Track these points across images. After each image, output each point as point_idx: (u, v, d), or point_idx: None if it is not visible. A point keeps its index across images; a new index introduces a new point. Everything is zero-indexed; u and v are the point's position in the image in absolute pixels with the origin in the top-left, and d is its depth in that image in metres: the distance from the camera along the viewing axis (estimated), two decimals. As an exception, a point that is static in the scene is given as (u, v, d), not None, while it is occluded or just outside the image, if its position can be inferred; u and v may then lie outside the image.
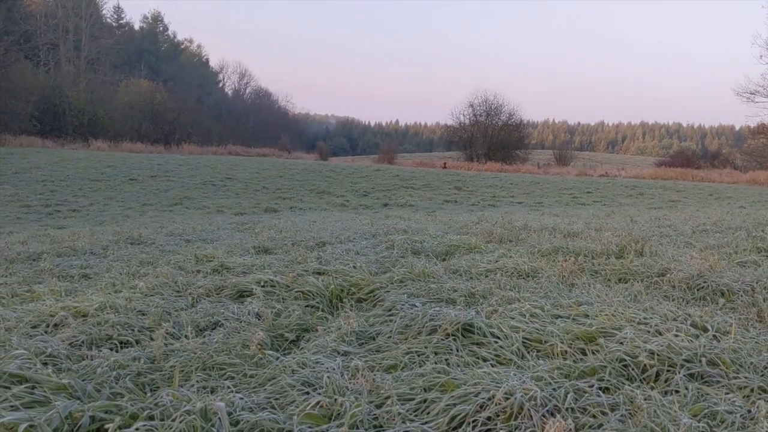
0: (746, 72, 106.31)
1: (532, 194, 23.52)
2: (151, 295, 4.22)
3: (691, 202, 20.19)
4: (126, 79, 54.19)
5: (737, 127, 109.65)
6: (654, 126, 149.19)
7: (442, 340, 3.05)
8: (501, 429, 2.07)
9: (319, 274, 4.74)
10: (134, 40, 69.42)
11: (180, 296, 4.32)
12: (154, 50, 71.97)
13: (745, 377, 2.49)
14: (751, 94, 41.44)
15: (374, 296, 4.20)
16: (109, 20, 65.92)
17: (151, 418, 2.13)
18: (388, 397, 2.31)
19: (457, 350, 2.94)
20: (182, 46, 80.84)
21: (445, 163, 41.83)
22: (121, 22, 69.32)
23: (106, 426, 2.03)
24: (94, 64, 55.23)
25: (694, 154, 51.09)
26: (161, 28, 77.26)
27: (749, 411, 2.15)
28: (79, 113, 43.11)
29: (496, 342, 3.00)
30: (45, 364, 2.72)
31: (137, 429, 2.04)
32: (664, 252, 5.56)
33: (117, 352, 3.06)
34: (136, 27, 73.60)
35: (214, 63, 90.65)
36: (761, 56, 58.06)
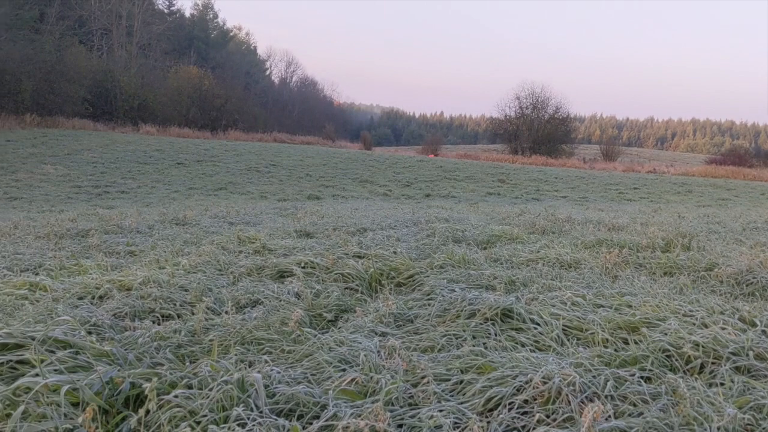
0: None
1: (577, 189, 23.16)
2: (194, 272, 4.29)
3: (742, 201, 19.61)
4: (176, 65, 54.94)
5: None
6: (705, 123, 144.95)
7: (481, 324, 3.02)
8: (538, 412, 2.04)
9: (359, 257, 4.75)
10: (185, 26, 70.32)
11: (222, 274, 4.38)
12: (204, 37, 72.82)
13: (796, 373, 2.40)
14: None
15: (413, 281, 4.19)
16: (160, 6, 66.88)
17: (190, 386, 2.16)
18: (423, 377, 2.30)
19: (496, 335, 2.91)
20: (231, 34, 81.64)
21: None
22: (173, 8, 70.24)
23: (146, 391, 2.06)
24: (146, 49, 56.17)
25: (746, 153, 49.32)
26: (211, 16, 78.07)
27: (799, 406, 2.07)
28: (129, 97, 43.94)
29: (535, 328, 2.96)
30: (89, 332, 2.79)
31: (176, 396, 2.07)
32: (712, 247, 5.41)
33: (159, 324, 3.12)
34: (187, 14, 74.45)
35: (261, 51, 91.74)
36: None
